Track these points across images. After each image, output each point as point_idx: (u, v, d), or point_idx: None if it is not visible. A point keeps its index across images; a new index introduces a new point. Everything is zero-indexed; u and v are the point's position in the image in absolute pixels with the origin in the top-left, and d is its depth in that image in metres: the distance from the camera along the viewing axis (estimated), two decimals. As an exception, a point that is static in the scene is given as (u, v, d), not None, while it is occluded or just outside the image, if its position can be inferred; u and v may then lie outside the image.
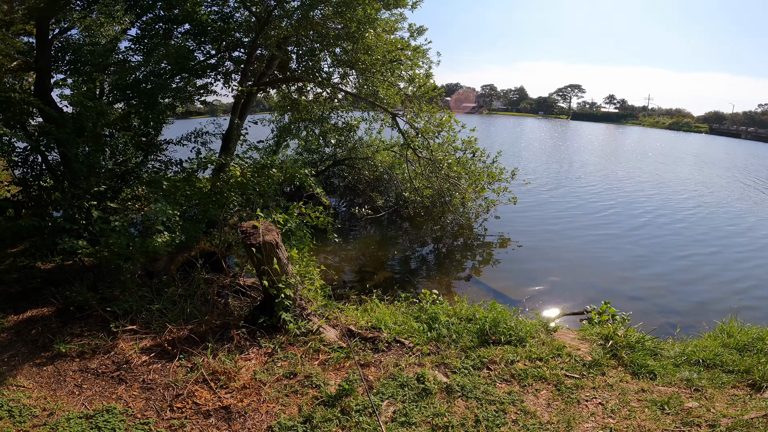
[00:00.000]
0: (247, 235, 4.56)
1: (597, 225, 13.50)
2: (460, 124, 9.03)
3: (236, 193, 6.14)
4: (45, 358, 4.36)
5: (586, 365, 4.26)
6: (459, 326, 4.91)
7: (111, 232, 5.20)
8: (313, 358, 4.29)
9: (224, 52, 9.71)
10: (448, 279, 9.23)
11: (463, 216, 11.74)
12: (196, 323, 4.87)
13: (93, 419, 3.44)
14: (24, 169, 7.83)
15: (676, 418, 3.43)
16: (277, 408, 3.56)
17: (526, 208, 14.98)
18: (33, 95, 7.58)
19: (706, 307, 7.88)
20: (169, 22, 8.66)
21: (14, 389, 3.85)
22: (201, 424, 3.41)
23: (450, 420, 3.35)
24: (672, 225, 13.80)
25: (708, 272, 9.85)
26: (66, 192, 6.35)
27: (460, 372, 4.05)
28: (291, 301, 4.68)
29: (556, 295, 8.32)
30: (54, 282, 6.08)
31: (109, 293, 5.59)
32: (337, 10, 7.50)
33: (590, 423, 3.40)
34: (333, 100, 11.09)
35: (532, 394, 3.78)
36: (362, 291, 7.34)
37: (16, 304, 5.67)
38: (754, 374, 4.06)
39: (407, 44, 8.70)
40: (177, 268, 6.37)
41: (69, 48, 7.80)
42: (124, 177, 7.38)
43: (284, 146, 12.97)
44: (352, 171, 13.62)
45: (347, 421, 3.35)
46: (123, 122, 8.05)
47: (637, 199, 17.70)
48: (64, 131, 5.91)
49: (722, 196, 19.37)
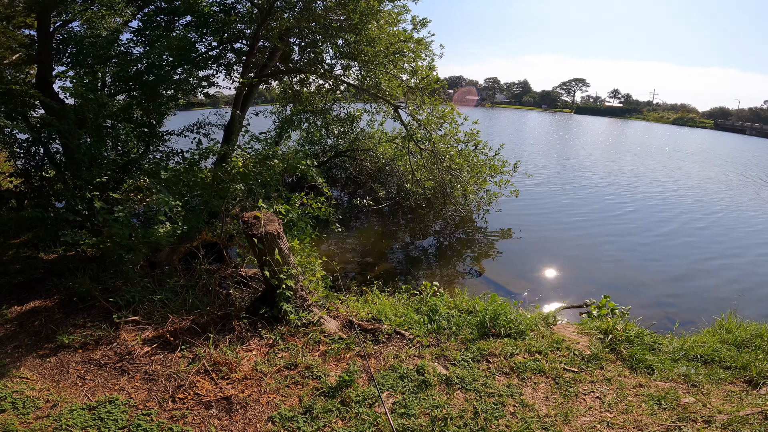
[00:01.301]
0: (249, 226, 4.57)
1: (598, 219, 13.48)
2: (462, 117, 8.97)
3: (238, 183, 6.14)
4: (48, 350, 4.39)
5: (584, 359, 4.28)
6: (459, 318, 4.93)
7: (114, 222, 5.22)
8: (314, 349, 4.32)
9: (226, 44, 9.64)
10: (449, 271, 9.27)
11: (464, 208, 11.74)
12: (197, 314, 4.91)
13: (96, 410, 3.47)
14: (26, 160, 7.84)
15: (673, 413, 3.46)
16: (277, 399, 3.60)
17: (528, 201, 14.95)
18: (35, 87, 7.57)
19: (706, 303, 7.89)
20: (170, 13, 8.59)
21: (18, 381, 3.88)
22: (202, 414, 3.46)
23: (449, 412, 3.38)
24: (676, 219, 13.76)
25: (710, 267, 9.84)
26: (68, 183, 6.37)
27: (459, 364, 4.08)
28: (292, 291, 4.70)
29: (557, 289, 8.35)
30: (57, 273, 6.12)
31: (111, 284, 5.62)
32: (340, 2, 7.42)
33: (588, 416, 3.43)
34: (335, 91, 11.03)
35: (531, 387, 3.81)
36: (363, 282, 7.38)
37: (19, 295, 5.70)
38: (751, 371, 4.07)
39: (410, 36, 8.62)
40: (179, 258, 6.41)
41: (71, 40, 7.76)
42: (126, 168, 7.39)
43: (286, 137, 12.94)
44: (354, 162, 13.60)
45: (347, 412, 3.39)
46: (125, 113, 8.04)
47: (639, 193, 17.63)
48: (65, 123, 5.91)
49: (727, 191, 19.28)
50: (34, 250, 7.15)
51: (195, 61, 8.84)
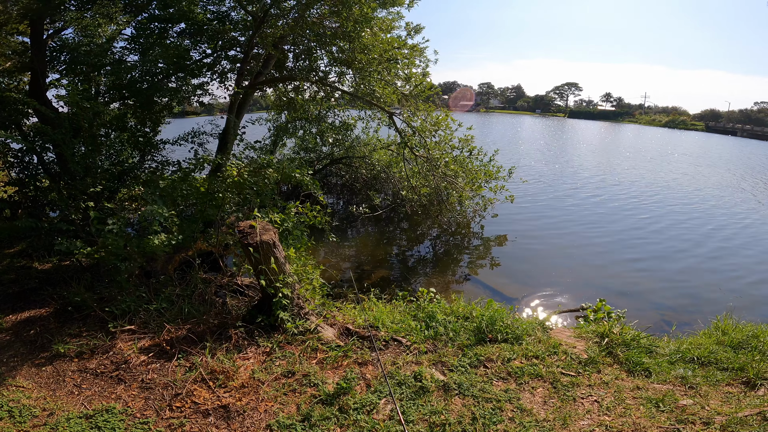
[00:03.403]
0: (244, 235, 4.57)
1: (594, 222, 13.58)
2: (456, 123, 9.04)
3: (233, 192, 6.14)
4: (44, 359, 4.36)
5: (582, 363, 4.29)
6: (456, 324, 4.94)
7: (108, 232, 5.19)
8: (311, 356, 4.30)
9: (220, 51, 9.68)
10: (445, 277, 9.28)
11: (460, 214, 11.78)
12: (194, 323, 4.88)
13: (93, 419, 3.45)
14: (19, 169, 7.79)
15: (671, 416, 3.47)
16: (275, 407, 3.58)
17: (524, 205, 15.03)
18: (28, 95, 7.54)
19: (702, 305, 7.95)
20: (164, 21, 8.61)
21: (14, 390, 3.86)
22: (200, 423, 3.43)
23: (447, 418, 3.38)
24: (672, 222, 13.87)
25: (706, 269, 9.92)
26: (62, 192, 6.34)
27: (457, 370, 4.07)
28: (289, 300, 4.69)
29: (553, 293, 8.37)
30: (51, 282, 6.08)
31: (107, 293, 5.58)
32: (333, 9, 7.48)
33: (586, 420, 3.44)
34: (330, 99, 11.08)
35: (529, 391, 3.81)
36: (360, 290, 7.37)
37: (14, 304, 5.66)
38: (748, 372, 4.09)
39: (403, 43, 8.70)
40: (174, 267, 6.37)
41: (65, 48, 7.76)
42: (120, 177, 7.37)
43: (281, 145, 12.94)
44: (349, 170, 13.62)
45: (345, 419, 3.38)
46: (119, 122, 8.02)
47: (634, 196, 17.78)
48: (59, 132, 5.89)
49: (722, 193, 19.47)
50: (29, 260, 7.09)
51: (189, 69, 8.85)
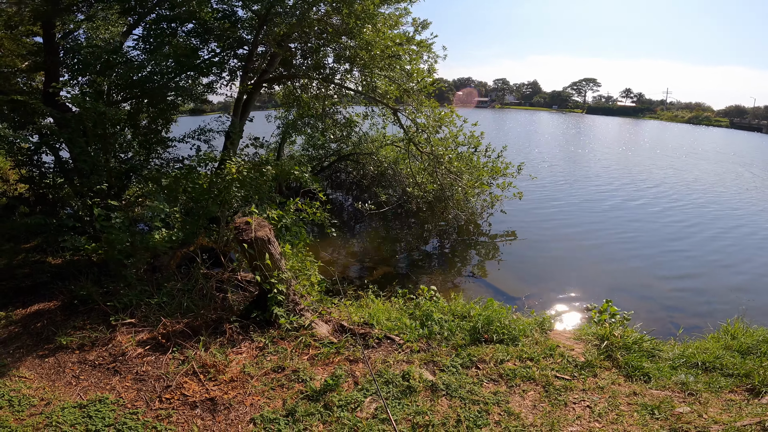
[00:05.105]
0: (239, 231, 4.62)
1: (605, 222, 13.20)
2: (461, 119, 8.92)
3: (236, 189, 6.22)
4: (47, 350, 4.52)
5: (578, 366, 4.18)
6: (452, 324, 4.88)
7: (112, 229, 5.33)
8: (303, 352, 4.33)
9: (228, 50, 9.79)
10: (449, 275, 9.19)
11: (466, 211, 11.64)
12: (191, 317, 4.97)
13: (86, 408, 3.56)
14: (30, 167, 8.06)
15: (665, 424, 3.34)
16: (261, 401, 3.62)
17: (534, 202, 14.75)
18: (42, 95, 7.79)
19: (714, 308, 7.63)
20: (173, 21, 8.75)
21: (16, 380, 4.02)
22: (187, 414, 3.49)
23: (431, 419, 3.34)
24: (685, 224, 13.39)
25: (718, 272, 9.53)
26: (73, 190, 6.53)
27: (447, 370, 4.03)
28: (284, 296, 4.72)
29: (558, 293, 8.19)
30: (62, 277, 6.28)
31: (112, 287, 5.74)
32: (335, 6, 7.47)
33: (575, 426, 3.35)
34: (334, 96, 11.08)
35: (519, 395, 3.74)
36: (361, 286, 7.38)
37: (25, 297, 5.88)
38: (754, 378, 3.92)
39: (407, 38, 8.61)
40: (176, 263, 6.50)
41: (77, 48, 7.97)
42: (127, 175, 7.55)
43: (290, 142, 13.05)
44: (357, 166, 13.64)
45: (329, 416, 3.38)
46: (131, 120, 8.22)
47: (648, 195, 17.23)
48: (66, 131, 6.07)
49: (738, 192, 18.69)
50: (43, 255, 7.34)
51: (198, 68, 8.99)
